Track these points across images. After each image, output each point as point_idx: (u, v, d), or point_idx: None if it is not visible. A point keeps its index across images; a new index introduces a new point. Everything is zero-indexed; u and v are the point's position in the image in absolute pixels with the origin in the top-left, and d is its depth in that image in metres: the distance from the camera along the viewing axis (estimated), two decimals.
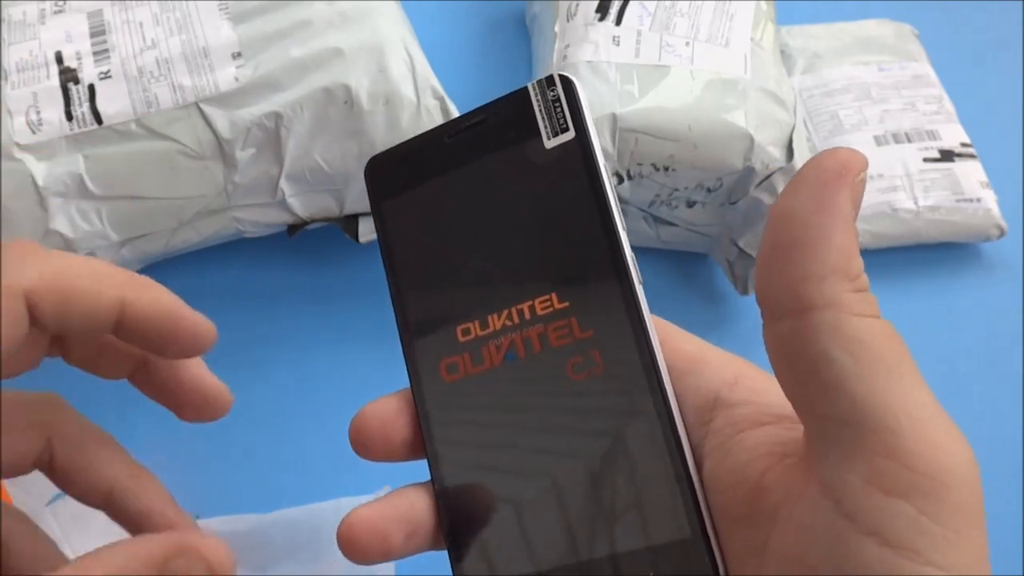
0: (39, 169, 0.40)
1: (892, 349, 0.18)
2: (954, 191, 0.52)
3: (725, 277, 0.50)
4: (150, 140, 0.41)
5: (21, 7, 0.44)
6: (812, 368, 0.18)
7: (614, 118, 0.43)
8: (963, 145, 0.54)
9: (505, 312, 0.23)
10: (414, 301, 0.24)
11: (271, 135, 0.42)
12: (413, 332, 0.24)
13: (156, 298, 0.23)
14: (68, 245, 0.41)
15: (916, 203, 0.52)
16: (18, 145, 0.40)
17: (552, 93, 0.23)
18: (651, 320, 0.22)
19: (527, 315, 0.22)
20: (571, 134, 0.23)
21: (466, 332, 0.23)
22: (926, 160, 0.53)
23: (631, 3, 0.47)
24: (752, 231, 0.45)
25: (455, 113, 0.43)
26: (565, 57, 0.47)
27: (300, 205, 0.44)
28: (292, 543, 0.40)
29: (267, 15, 0.43)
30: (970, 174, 0.53)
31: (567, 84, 0.23)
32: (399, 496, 0.23)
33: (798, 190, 0.19)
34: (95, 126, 0.41)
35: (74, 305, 0.21)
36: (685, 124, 0.43)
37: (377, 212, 0.25)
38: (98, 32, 0.43)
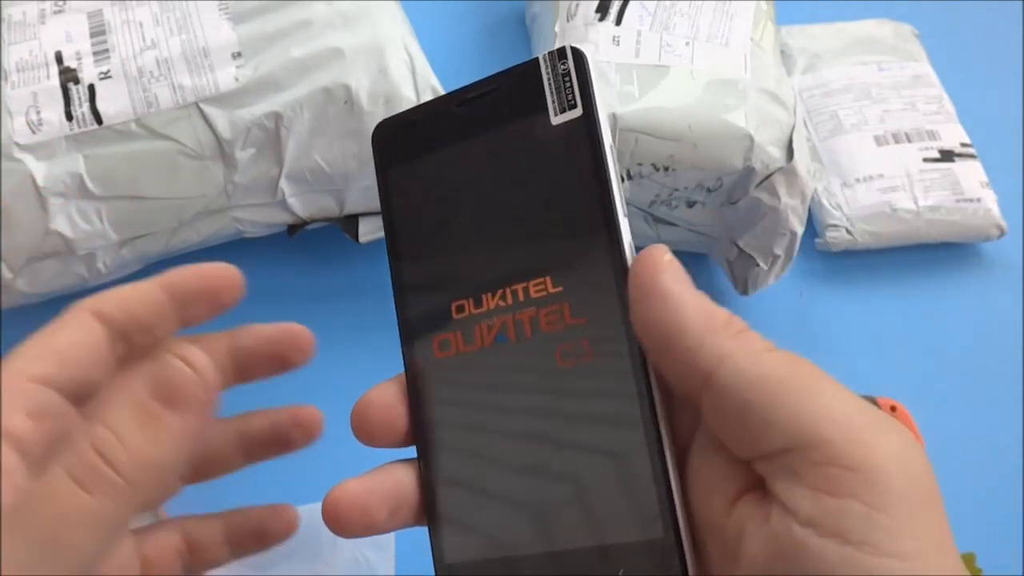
0: (39, 169, 0.40)
1: (798, 372, 0.19)
2: (954, 191, 0.52)
3: (725, 277, 0.50)
4: (150, 140, 0.41)
5: (21, 7, 0.44)
6: (739, 420, 0.19)
7: (614, 118, 0.43)
8: (963, 145, 0.54)
9: (499, 292, 0.22)
10: (411, 272, 0.24)
11: (271, 135, 0.42)
12: (409, 304, 0.24)
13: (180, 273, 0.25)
14: (68, 245, 0.41)
15: (916, 203, 0.52)
16: (18, 145, 0.40)
17: (563, 66, 0.22)
18: None
19: (520, 297, 0.22)
20: (578, 111, 0.22)
21: (460, 309, 0.23)
22: (926, 160, 0.53)
23: (631, 3, 0.47)
24: (752, 231, 0.45)
25: None
26: None
27: (300, 205, 0.44)
28: (292, 543, 0.40)
29: (267, 15, 0.43)
30: (970, 174, 0.53)
31: (578, 57, 0.22)
32: (385, 472, 0.23)
33: (636, 302, 0.21)
34: (95, 126, 0.41)
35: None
36: (685, 124, 0.43)
37: (381, 178, 0.25)
38: (98, 32, 0.43)
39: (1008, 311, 0.52)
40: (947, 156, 0.54)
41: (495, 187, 0.23)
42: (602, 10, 0.47)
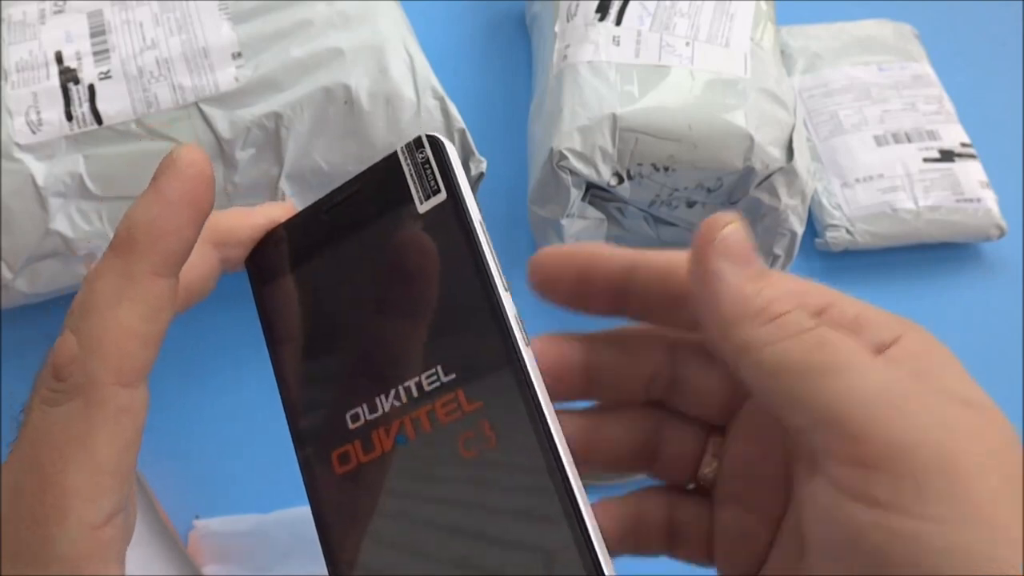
0: (39, 169, 0.40)
1: (825, 354, 0.19)
2: (954, 191, 0.52)
3: None
4: (150, 140, 0.41)
5: (21, 7, 0.44)
6: (767, 404, 0.20)
7: (614, 118, 0.43)
8: (963, 145, 0.54)
9: (393, 392, 0.21)
10: (301, 390, 0.23)
11: (271, 135, 0.42)
12: (302, 423, 0.23)
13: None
14: (68, 245, 0.41)
15: (916, 203, 0.52)
16: (18, 145, 0.40)
17: (421, 155, 0.22)
18: (541, 382, 0.21)
19: (415, 392, 0.21)
20: (443, 195, 0.22)
21: (355, 418, 0.22)
22: (926, 160, 0.53)
23: (631, 3, 0.47)
24: (752, 231, 0.45)
25: (455, 113, 0.43)
26: (565, 57, 0.47)
27: (300, 205, 0.44)
28: (292, 543, 0.40)
29: (267, 15, 0.43)
30: (970, 174, 0.53)
31: (435, 144, 0.22)
32: None
33: (689, 273, 0.22)
34: (95, 126, 0.41)
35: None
36: (685, 124, 0.43)
37: (258, 300, 0.24)
38: (98, 32, 0.43)
39: (1008, 311, 0.52)
40: (947, 156, 0.54)
41: (374, 285, 0.23)
42: (602, 10, 0.47)
